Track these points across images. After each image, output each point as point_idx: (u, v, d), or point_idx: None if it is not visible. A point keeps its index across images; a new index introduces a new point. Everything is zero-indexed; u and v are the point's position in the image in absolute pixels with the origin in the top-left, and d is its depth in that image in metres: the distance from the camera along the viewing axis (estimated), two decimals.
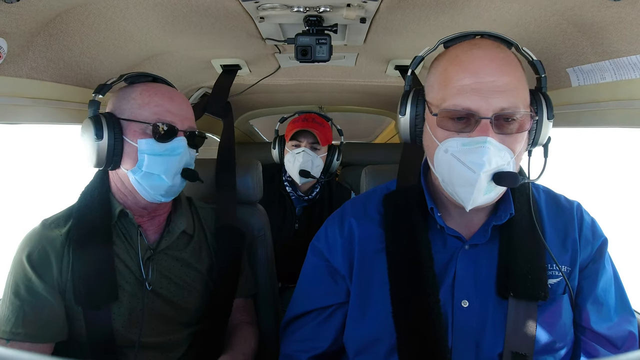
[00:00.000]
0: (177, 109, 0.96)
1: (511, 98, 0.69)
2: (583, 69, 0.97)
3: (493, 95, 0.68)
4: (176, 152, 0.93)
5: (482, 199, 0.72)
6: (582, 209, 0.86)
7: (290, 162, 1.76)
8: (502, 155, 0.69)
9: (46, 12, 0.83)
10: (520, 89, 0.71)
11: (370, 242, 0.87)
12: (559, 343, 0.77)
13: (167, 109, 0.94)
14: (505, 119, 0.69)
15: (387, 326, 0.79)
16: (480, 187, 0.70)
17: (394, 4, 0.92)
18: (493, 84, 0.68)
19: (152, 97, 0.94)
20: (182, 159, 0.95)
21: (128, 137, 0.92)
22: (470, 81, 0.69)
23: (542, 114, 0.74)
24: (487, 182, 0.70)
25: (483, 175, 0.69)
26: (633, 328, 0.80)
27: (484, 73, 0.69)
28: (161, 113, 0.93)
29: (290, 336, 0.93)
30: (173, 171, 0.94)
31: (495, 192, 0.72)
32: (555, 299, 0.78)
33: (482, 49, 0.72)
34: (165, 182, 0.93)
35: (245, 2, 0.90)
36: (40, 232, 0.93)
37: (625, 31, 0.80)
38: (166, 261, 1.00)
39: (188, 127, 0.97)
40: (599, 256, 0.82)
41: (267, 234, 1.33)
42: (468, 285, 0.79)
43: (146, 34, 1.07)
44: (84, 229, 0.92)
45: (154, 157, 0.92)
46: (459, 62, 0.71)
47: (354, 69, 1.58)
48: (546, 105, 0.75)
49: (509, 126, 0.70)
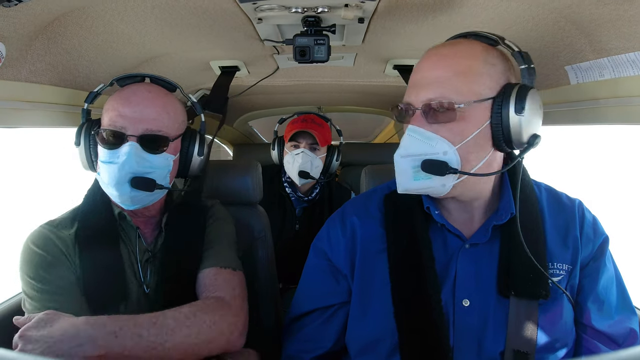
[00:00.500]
0: (132, 111, 0.88)
1: (439, 89, 0.72)
2: (581, 66, 0.97)
3: (423, 88, 0.74)
4: (119, 159, 0.87)
5: (414, 185, 0.75)
6: (583, 207, 0.86)
7: (290, 163, 1.76)
8: (432, 144, 0.73)
9: (44, 15, 0.83)
10: (457, 81, 0.72)
11: (372, 241, 0.87)
12: (561, 341, 0.77)
13: (119, 113, 0.88)
14: (435, 109, 0.72)
15: (388, 326, 0.79)
16: (401, 171, 0.76)
17: (391, 3, 0.92)
18: (424, 79, 0.75)
19: (112, 101, 0.92)
20: (125, 167, 0.87)
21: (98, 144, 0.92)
22: (413, 77, 0.78)
23: (507, 107, 0.72)
24: (412, 168, 0.74)
25: (400, 159, 0.75)
26: (634, 325, 0.80)
27: (423, 69, 0.76)
28: (114, 118, 0.89)
29: (292, 336, 0.93)
30: (116, 180, 0.87)
31: (431, 181, 0.73)
32: (557, 297, 0.78)
33: (440, 47, 0.77)
34: (113, 190, 0.88)
35: (243, 4, 0.90)
36: (49, 231, 0.91)
37: (624, 28, 0.80)
38: (163, 262, 0.98)
39: (144, 130, 0.88)
40: (600, 254, 0.82)
41: (267, 235, 1.33)
42: (469, 284, 0.79)
43: (144, 36, 1.07)
44: (92, 230, 0.92)
45: (102, 164, 0.90)
46: (418, 62, 0.79)
47: (352, 69, 1.58)
48: (516, 97, 0.72)
49: (442, 115, 0.72)
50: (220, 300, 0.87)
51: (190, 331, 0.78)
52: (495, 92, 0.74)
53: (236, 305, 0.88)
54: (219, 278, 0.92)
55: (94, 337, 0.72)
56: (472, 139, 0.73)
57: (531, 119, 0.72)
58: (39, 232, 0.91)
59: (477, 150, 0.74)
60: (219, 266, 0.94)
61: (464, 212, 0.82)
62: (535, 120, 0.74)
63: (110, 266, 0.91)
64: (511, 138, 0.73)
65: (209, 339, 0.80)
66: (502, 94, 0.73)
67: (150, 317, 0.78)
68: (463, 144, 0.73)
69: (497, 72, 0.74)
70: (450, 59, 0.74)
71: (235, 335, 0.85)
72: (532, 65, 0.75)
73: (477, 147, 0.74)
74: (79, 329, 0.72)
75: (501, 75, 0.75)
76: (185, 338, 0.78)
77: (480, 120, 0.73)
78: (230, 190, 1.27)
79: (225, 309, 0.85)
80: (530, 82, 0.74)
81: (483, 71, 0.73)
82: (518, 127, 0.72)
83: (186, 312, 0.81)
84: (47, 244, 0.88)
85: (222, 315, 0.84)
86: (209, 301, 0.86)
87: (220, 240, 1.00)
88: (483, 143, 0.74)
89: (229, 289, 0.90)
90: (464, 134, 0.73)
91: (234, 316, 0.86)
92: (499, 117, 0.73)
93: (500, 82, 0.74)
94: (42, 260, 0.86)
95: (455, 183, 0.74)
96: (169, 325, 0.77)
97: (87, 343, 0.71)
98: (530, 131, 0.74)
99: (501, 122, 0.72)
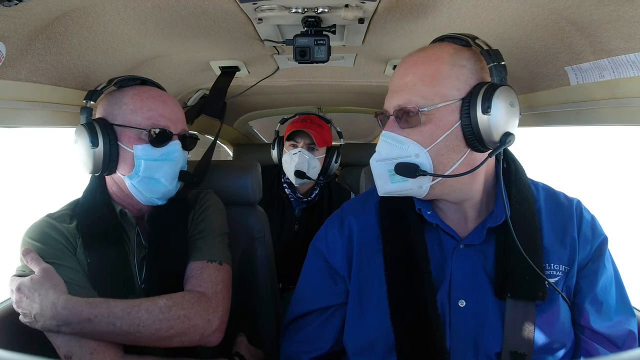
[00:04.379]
0: (170, 112, 0.96)
1: (406, 95, 0.75)
2: (581, 67, 0.97)
3: (393, 94, 0.78)
4: (172, 156, 0.94)
5: (392, 188, 0.78)
6: (581, 207, 0.85)
7: (287, 163, 1.76)
8: (403, 148, 0.76)
9: (44, 15, 0.83)
10: (422, 85, 0.74)
11: (369, 242, 0.87)
12: (558, 342, 0.77)
13: (160, 113, 0.94)
14: (405, 113, 0.75)
15: (385, 327, 0.79)
16: (378, 175, 0.79)
17: (391, 4, 0.92)
18: (395, 86, 0.78)
19: (145, 101, 0.94)
20: (179, 163, 0.96)
21: (123, 143, 0.92)
22: (390, 85, 0.81)
23: (474, 107, 0.72)
24: (387, 171, 0.77)
25: (375, 163, 0.79)
26: (633, 327, 0.80)
27: (395, 77, 0.80)
28: (155, 118, 0.93)
29: (291, 337, 0.93)
30: (171, 175, 0.95)
31: (407, 183, 0.76)
32: (554, 298, 0.78)
33: (412, 54, 0.80)
34: (164, 186, 0.94)
35: (243, 4, 0.90)
36: (49, 223, 0.91)
37: (623, 29, 0.80)
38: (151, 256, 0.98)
39: (181, 130, 0.98)
40: (599, 255, 0.81)
41: (266, 235, 1.33)
42: (464, 284, 0.79)
43: (144, 36, 1.07)
44: (95, 227, 0.92)
45: (151, 162, 0.92)
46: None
47: (352, 70, 1.58)
48: (483, 97, 0.71)
49: (410, 119, 0.75)
50: (201, 295, 0.89)
51: (161, 325, 0.82)
52: (464, 93, 0.74)
53: (216, 300, 0.90)
54: (203, 273, 0.93)
55: (69, 321, 0.78)
56: (442, 140, 0.74)
57: (500, 117, 0.71)
58: (38, 229, 0.90)
59: (449, 151, 0.75)
60: (206, 260, 0.95)
61: (457, 212, 0.82)
62: (505, 118, 0.72)
63: (117, 263, 0.92)
64: (482, 138, 0.73)
65: (181, 333, 0.84)
66: (470, 95, 0.73)
67: (126, 307, 0.81)
68: (434, 146, 0.74)
69: (465, 72, 0.74)
70: (418, 65, 0.76)
71: (209, 331, 0.87)
72: (503, 63, 0.73)
73: (449, 149, 0.75)
74: (57, 310, 0.78)
75: (471, 76, 0.75)
76: (156, 331, 0.82)
77: (449, 122, 0.74)
78: (229, 191, 1.27)
79: (202, 304, 0.87)
80: (500, 80, 0.73)
81: (450, 73, 0.74)
82: (487, 126, 0.72)
83: (162, 305, 0.83)
84: (47, 241, 0.88)
85: (198, 311, 0.86)
86: (188, 296, 0.88)
87: (209, 230, 1.01)
88: (455, 144, 0.75)
89: (212, 284, 0.92)
90: (433, 136, 0.74)
91: (212, 313, 0.88)
92: (467, 117, 0.73)
93: (471, 82, 0.74)
94: (42, 253, 0.86)
95: (432, 184, 0.76)
96: (141, 318, 0.81)
97: (63, 325, 0.78)
98: (502, 130, 0.73)
99: (470, 122, 0.73)
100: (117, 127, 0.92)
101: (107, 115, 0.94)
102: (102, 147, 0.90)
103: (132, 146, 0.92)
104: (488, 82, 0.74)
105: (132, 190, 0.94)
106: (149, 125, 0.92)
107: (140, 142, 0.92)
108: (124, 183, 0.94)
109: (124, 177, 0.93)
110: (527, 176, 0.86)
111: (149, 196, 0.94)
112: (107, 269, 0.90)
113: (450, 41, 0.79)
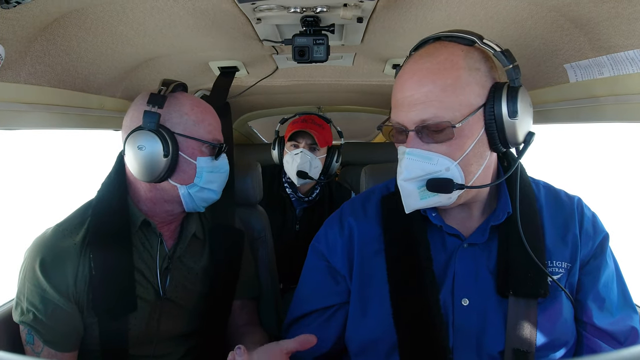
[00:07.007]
0: (220, 127, 1.00)
1: (430, 108, 0.70)
2: (581, 64, 0.97)
3: (412, 108, 0.71)
4: (225, 168, 1.00)
5: (421, 204, 0.75)
6: (582, 204, 0.85)
7: (289, 163, 1.76)
8: (432, 163, 0.71)
9: (43, 17, 0.83)
10: (445, 96, 0.69)
11: (370, 242, 0.87)
12: (561, 339, 0.77)
13: (216, 128, 0.98)
14: (432, 129, 0.70)
15: (387, 326, 0.79)
16: (407, 194, 0.75)
17: (390, 3, 0.92)
18: (412, 98, 0.71)
19: (205, 114, 0.96)
20: (227, 174, 1.01)
21: (185, 153, 0.93)
22: (400, 96, 0.74)
23: (499, 110, 0.71)
24: (418, 188, 0.73)
25: (404, 183, 0.74)
26: (635, 324, 0.80)
27: (406, 88, 0.72)
28: (214, 132, 0.97)
29: (292, 337, 0.93)
30: (222, 186, 1.01)
31: (438, 197, 0.73)
32: (556, 295, 0.78)
33: (421, 60, 0.73)
34: (216, 195, 0.99)
35: (242, 4, 0.90)
36: (53, 239, 0.90)
37: (622, 26, 0.80)
38: (181, 269, 1.00)
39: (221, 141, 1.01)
40: (601, 251, 0.81)
41: (267, 235, 1.33)
42: (468, 283, 0.79)
43: (143, 37, 1.07)
44: (103, 238, 0.90)
45: (210, 174, 0.95)
46: (400, 76, 0.75)
47: (351, 69, 1.58)
48: (507, 101, 0.70)
49: (438, 135, 0.71)
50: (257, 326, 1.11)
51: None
52: (484, 98, 0.72)
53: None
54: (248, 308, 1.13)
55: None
56: (471, 150, 0.72)
57: (525, 119, 0.72)
58: (41, 244, 0.88)
59: (477, 159, 0.74)
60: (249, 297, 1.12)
61: (462, 212, 0.82)
62: (527, 118, 0.73)
63: (121, 275, 0.90)
64: (507, 140, 0.73)
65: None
66: (492, 99, 0.72)
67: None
68: (464, 157, 0.72)
69: (481, 76, 0.72)
70: (434, 73, 0.70)
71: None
72: (516, 63, 0.73)
73: (476, 157, 0.74)
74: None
75: (487, 78, 0.73)
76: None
77: (476, 130, 0.72)
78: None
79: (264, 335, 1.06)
80: (517, 81, 0.72)
81: (470, 80, 0.71)
82: (514, 130, 0.72)
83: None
84: (47, 260, 0.86)
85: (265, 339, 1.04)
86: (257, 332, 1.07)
87: (251, 266, 1.15)
88: (481, 151, 0.74)
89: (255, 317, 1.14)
90: (463, 147, 0.72)
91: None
92: (493, 123, 0.72)
93: (487, 85, 0.73)
94: (37, 282, 0.86)
95: (460, 193, 0.74)
96: None
97: None
98: (525, 130, 0.74)
99: (496, 127, 0.72)
100: (179, 136, 0.92)
101: (165, 122, 0.91)
102: (170, 156, 0.90)
103: (196, 157, 0.93)
104: (503, 83, 0.73)
105: (185, 199, 0.95)
106: (211, 139, 0.95)
107: (202, 154, 0.94)
108: (168, 191, 0.94)
109: (180, 186, 0.93)
110: (527, 174, 0.87)
111: (198, 204, 0.97)
112: (110, 283, 0.89)
113: (452, 40, 0.74)
